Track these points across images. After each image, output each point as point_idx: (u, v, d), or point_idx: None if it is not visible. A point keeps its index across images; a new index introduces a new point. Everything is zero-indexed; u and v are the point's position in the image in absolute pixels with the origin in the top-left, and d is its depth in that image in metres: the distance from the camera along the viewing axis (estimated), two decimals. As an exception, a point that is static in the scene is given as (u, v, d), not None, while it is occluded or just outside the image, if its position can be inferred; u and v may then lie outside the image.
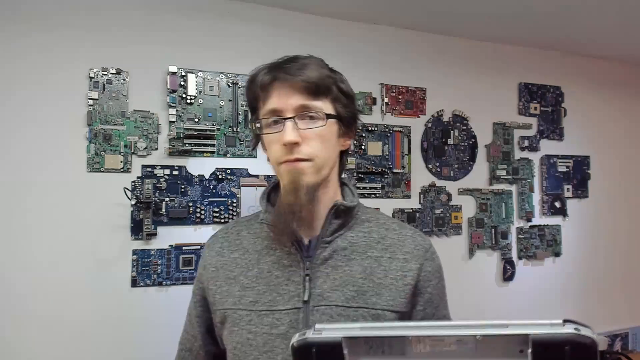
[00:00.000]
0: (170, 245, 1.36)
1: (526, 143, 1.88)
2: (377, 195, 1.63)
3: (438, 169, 1.74)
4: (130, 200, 1.30)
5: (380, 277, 0.75)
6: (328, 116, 0.72)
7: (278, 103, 0.72)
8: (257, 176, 1.45)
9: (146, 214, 1.33)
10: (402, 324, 0.50)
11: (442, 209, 1.72)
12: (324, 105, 0.74)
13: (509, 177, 1.84)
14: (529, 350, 0.45)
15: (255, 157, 1.46)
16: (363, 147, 1.62)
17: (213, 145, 1.41)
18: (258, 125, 0.76)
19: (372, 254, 0.77)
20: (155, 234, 1.34)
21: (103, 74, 1.32)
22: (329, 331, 0.49)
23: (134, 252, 1.32)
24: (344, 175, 0.86)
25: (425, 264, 0.79)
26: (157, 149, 1.36)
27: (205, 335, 0.85)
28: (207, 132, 1.40)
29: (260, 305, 0.72)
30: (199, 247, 1.38)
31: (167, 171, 1.36)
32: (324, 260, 0.74)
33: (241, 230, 0.85)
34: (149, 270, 1.33)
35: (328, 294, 0.72)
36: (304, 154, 0.71)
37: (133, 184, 1.33)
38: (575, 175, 1.96)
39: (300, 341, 0.48)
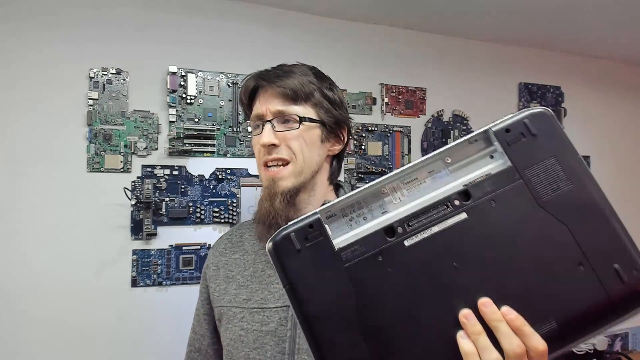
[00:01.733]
0: (170, 245, 1.36)
1: (526, 143, 1.88)
2: (377, 195, 1.63)
3: (438, 169, 1.73)
4: (130, 200, 1.30)
5: None
6: (301, 119, 0.75)
7: (260, 108, 0.77)
8: (257, 176, 1.45)
9: (146, 214, 1.33)
10: (371, 183, 0.46)
11: (442, 209, 1.72)
12: (304, 111, 0.76)
13: (509, 177, 1.84)
14: (495, 143, 0.45)
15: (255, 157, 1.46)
16: (363, 147, 1.62)
17: (213, 145, 1.41)
18: (248, 129, 0.82)
19: None
20: (155, 234, 1.34)
21: (103, 74, 1.32)
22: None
23: (134, 252, 1.32)
24: (342, 177, 0.87)
25: None
26: (157, 149, 1.36)
27: (213, 332, 0.86)
28: (207, 132, 1.40)
29: (252, 302, 0.75)
30: (199, 247, 1.38)
31: (167, 171, 1.36)
32: None
33: (244, 233, 0.88)
34: (149, 270, 1.33)
35: None
36: (283, 154, 0.75)
37: (133, 184, 1.33)
38: (575, 175, 1.96)
39: (273, 238, 0.45)
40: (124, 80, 1.34)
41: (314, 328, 0.43)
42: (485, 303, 0.41)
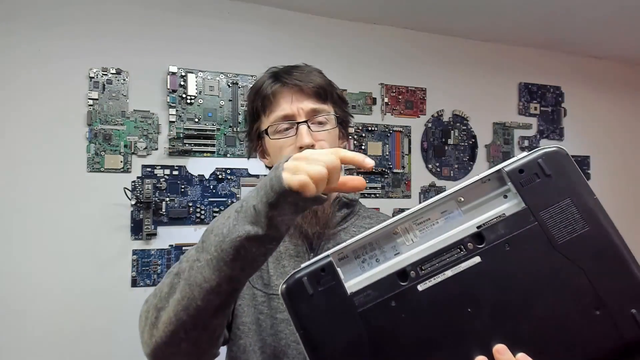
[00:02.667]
0: (170, 245, 1.36)
1: (526, 143, 1.88)
2: (377, 195, 1.63)
3: (438, 169, 1.73)
4: (130, 200, 1.30)
5: None
6: (337, 119, 0.76)
7: (290, 108, 0.74)
8: (257, 176, 1.45)
9: (146, 214, 1.33)
10: (384, 223, 0.46)
11: (442, 209, 1.72)
12: (330, 109, 0.77)
13: (509, 177, 1.84)
14: (509, 183, 0.44)
15: (255, 157, 1.46)
16: (363, 147, 1.62)
17: (213, 145, 1.41)
18: (266, 131, 0.77)
19: None
20: (155, 234, 1.34)
21: (103, 74, 1.32)
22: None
23: (134, 252, 1.32)
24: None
25: None
26: (157, 149, 1.36)
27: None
28: (207, 132, 1.40)
29: (269, 288, 0.75)
30: (199, 247, 1.38)
31: (167, 171, 1.36)
32: None
33: None
34: (149, 270, 1.33)
35: None
36: None
37: (133, 184, 1.33)
38: (575, 175, 1.96)
39: (286, 282, 0.45)
40: (124, 80, 1.34)
41: None
42: (500, 350, 0.41)
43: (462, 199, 0.46)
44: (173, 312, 0.53)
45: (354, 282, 0.45)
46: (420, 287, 0.43)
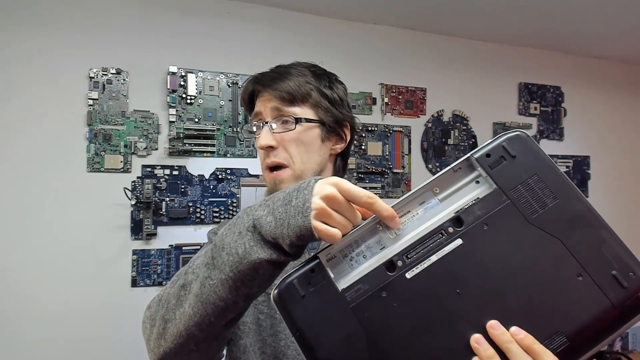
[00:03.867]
0: (170, 245, 1.36)
1: (526, 143, 1.88)
2: (377, 195, 1.63)
3: (438, 169, 1.74)
4: (130, 200, 1.30)
5: None
6: (297, 120, 0.74)
7: (259, 109, 0.77)
8: (257, 176, 1.45)
9: (146, 214, 1.33)
10: (366, 221, 0.47)
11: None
12: (301, 111, 0.75)
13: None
14: (479, 168, 0.46)
15: (255, 157, 1.46)
16: (363, 147, 1.62)
17: (213, 145, 1.41)
18: (253, 129, 0.81)
19: None
20: (155, 234, 1.34)
21: (103, 74, 1.32)
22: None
23: (134, 252, 1.32)
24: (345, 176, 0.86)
25: None
26: (157, 149, 1.36)
27: None
28: (207, 132, 1.40)
29: (269, 288, 0.74)
30: (199, 247, 1.38)
31: (167, 171, 1.37)
32: None
33: None
34: (149, 270, 1.33)
35: None
36: (280, 158, 0.74)
37: (133, 184, 1.33)
38: (575, 176, 1.96)
39: (278, 286, 0.45)
40: (124, 80, 1.34)
41: None
42: (493, 325, 0.42)
43: (438, 189, 0.48)
44: (184, 326, 0.53)
45: (344, 279, 0.46)
46: (408, 275, 0.44)
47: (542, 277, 0.43)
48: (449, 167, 0.47)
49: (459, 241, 0.45)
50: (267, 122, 0.75)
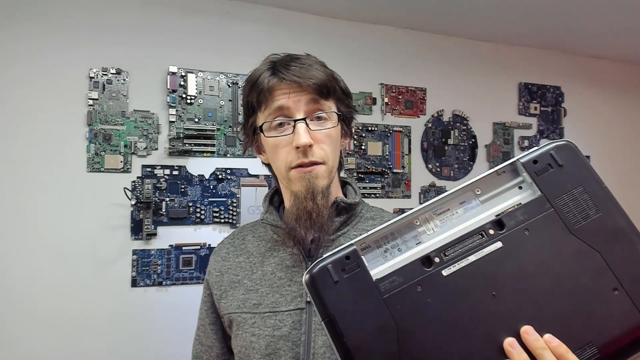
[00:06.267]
0: (170, 245, 1.36)
1: (526, 143, 1.88)
2: (377, 195, 1.63)
3: (438, 169, 1.73)
4: (130, 200, 1.30)
5: None
6: (339, 117, 0.71)
7: (287, 104, 0.69)
8: (257, 176, 1.45)
9: (146, 214, 1.33)
10: (404, 214, 0.47)
11: (442, 209, 1.71)
12: (334, 106, 0.72)
13: (509, 177, 1.83)
14: (524, 174, 0.46)
15: (255, 157, 1.46)
16: (363, 147, 1.62)
17: (213, 145, 1.41)
18: (260, 128, 0.73)
19: None
20: (155, 234, 1.34)
21: (103, 74, 1.32)
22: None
23: (134, 252, 1.32)
24: (344, 174, 0.85)
25: None
26: (157, 149, 1.36)
27: (222, 342, 0.81)
28: (207, 132, 1.40)
29: (263, 307, 0.71)
30: (199, 247, 1.38)
31: (167, 171, 1.36)
32: None
33: (246, 235, 0.82)
34: (149, 270, 1.33)
35: None
36: (318, 157, 0.69)
37: (133, 184, 1.33)
38: (575, 175, 1.96)
39: (310, 271, 0.45)
40: (124, 80, 1.34)
41: None
42: (528, 331, 0.42)
43: (479, 191, 0.48)
44: None
45: (378, 269, 0.45)
46: (445, 272, 0.44)
47: (578, 287, 0.43)
48: (493, 170, 0.48)
49: (499, 244, 0.44)
50: (302, 119, 0.68)
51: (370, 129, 1.63)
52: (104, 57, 1.32)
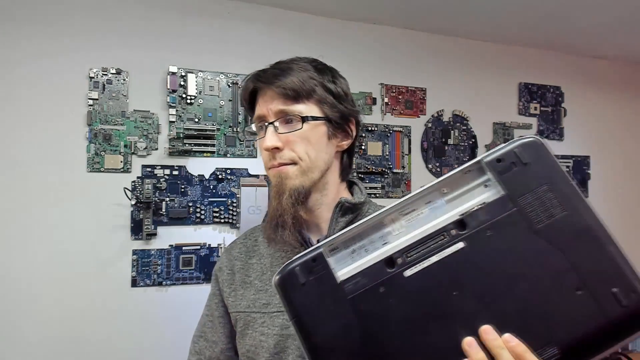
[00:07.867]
0: (170, 245, 1.36)
1: (526, 143, 1.88)
2: (377, 195, 1.63)
3: (438, 169, 1.74)
4: (130, 200, 1.30)
5: None
6: (304, 119, 0.71)
7: (261, 109, 0.74)
8: (257, 176, 1.45)
9: (146, 214, 1.33)
10: (371, 216, 0.48)
11: (442, 209, 1.72)
12: (306, 109, 0.72)
13: (509, 177, 1.84)
14: (488, 173, 0.46)
15: (255, 157, 1.46)
16: (363, 147, 1.62)
17: (213, 145, 1.41)
18: (252, 128, 0.79)
19: None
20: (155, 234, 1.34)
21: (103, 74, 1.32)
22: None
23: (134, 252, 1.32)
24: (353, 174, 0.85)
25: None
26: (157, 149, 1.36)
27: (228, 338, 0.81)
28: (207, 132, 1.40)
29: (272, 307, 0.72)
30: (199, 247, 1.38)
31: (167, 171, 1.36)
32: None
33: (258, 237, 0.84)
34: (149, 270, 1.33)
35: None
36: (286, 159, 0.72)
37: (133, 184, 1.33)
38: (575, 175, 1.96)
39: (280, 272, 0.47)
40: (124, 80, 1.34)
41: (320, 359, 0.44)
42: (486, 330, 0.42)
43: (446, 190, 0.48)
44: None
45: (344, 271, 0.46)
46: (407, 273, 0.45)
47: (540, 287, 0.43)
48: (459, 169, 0.47)
49: (460, 244, 0.45)
50: (271, 123, 0.72)
51: (370, 129, 1.63)
52: (104, 57, 1.32)
